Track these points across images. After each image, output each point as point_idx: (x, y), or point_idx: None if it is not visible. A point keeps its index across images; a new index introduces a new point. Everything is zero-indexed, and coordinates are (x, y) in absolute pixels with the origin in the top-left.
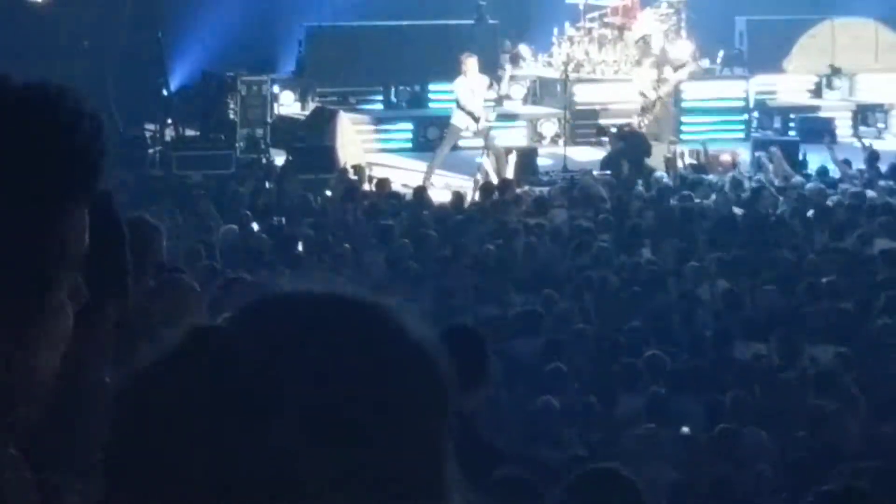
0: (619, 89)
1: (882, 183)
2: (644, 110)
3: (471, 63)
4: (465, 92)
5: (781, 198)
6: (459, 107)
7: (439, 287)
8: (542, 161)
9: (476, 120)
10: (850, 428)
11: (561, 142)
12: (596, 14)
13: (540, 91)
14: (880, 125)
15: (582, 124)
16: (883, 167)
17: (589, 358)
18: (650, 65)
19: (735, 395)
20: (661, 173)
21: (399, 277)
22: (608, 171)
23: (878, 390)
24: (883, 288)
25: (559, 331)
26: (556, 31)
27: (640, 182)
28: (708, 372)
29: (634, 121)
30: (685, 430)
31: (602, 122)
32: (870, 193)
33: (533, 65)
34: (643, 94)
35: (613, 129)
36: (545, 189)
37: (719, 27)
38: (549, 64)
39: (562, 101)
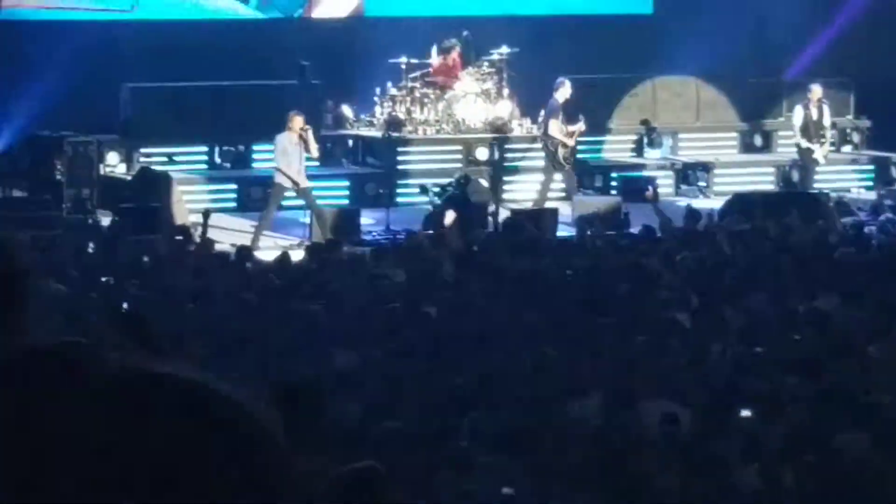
0: (442, 148)
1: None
2: (564, 160)
3: (297, 122)
4: (282, 150)
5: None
6: (277, 165)
7: (264, 348)
8: (365, 221)
9: (295, 180)
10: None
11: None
12: (418, 74)
13: (363, 151)
14: (702, 183)
15: (404, 183)
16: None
17: (412, 420)
18: (561, 118)
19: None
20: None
21: (222, 339)
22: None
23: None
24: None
25: (384, 391)
26: (378, 90)
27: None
28: (533, 433)
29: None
30: (507, 490)
31: (424, 181)
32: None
33: (355, 125)
34: (563, 145)
35: (436, 189)
36: (366, 249)
37: (541, 87)
38: (372, 124)
39: (385, 160)
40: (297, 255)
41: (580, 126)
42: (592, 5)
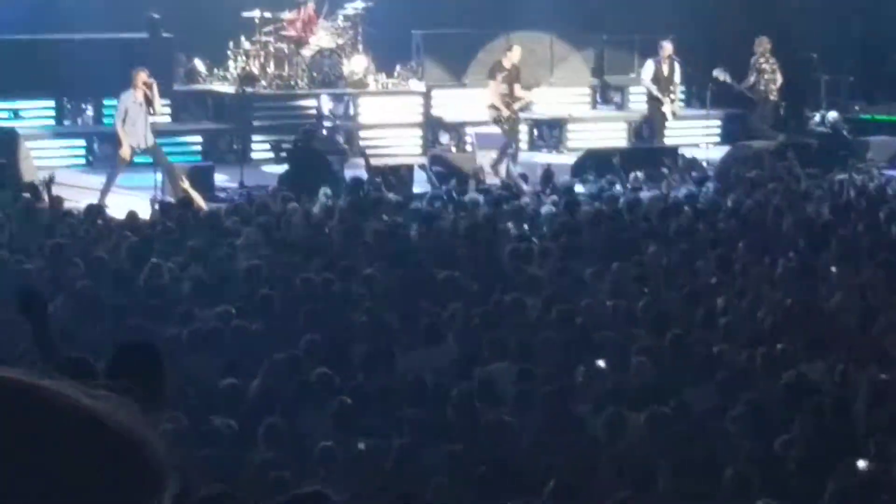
0: (299, 104)
1: (553, 197)
2: (496, 122)
3: (140, 77)
4: (124, 108)
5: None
6: (117, 124)
7: (116, 307)
8: (219, 178)
9: (143, 138)
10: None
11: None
12: (272, 28)
13: (216, 106)
14: (555, 139)
15: (259, 140)
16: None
17: (269, 374)
18: (502, 79)
19: (415, 412)
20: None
21: (72, 298)
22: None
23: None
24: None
25: (238, 348)
26: (231, 44)
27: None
28: (390, 390)
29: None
30: (361, 445)
31: (282, 137)
32: (544, 209)
33: (209, 79)
34: (494, 107)
35: (287, 146)
36: (222, 206)
37: (396, 41)
38: (225, 78)
39: (238, 116)
40: (147, 213)
41: (526, 95)
42: None
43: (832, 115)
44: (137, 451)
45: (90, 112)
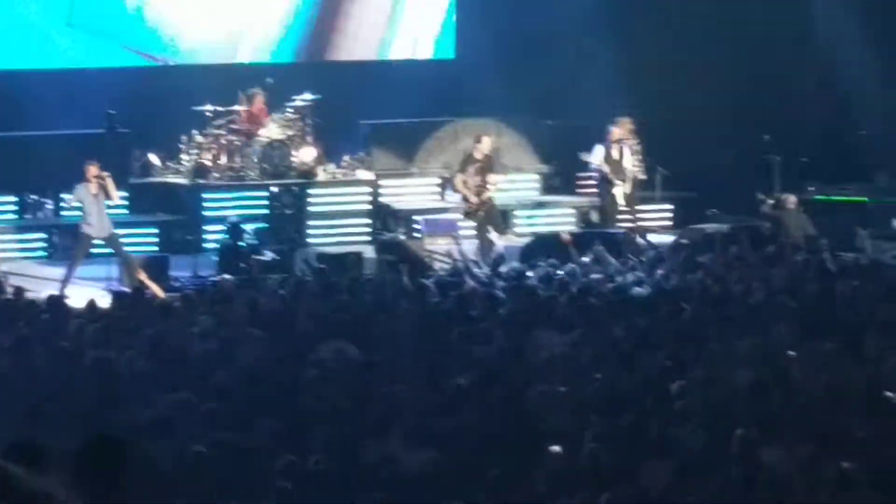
0: (248, 194)
1: (501, 283)
2: (467, 215)
3: (91, 171)
4: (77, 200)
5: None
6: (84, 215)
7: (82, 396)
8: (174, 267)
9: (102, 228)
10: None
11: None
12: (223, 121)
13: (170, 198)
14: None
15: (211, 230)
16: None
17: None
18: (475, 171)
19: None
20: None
21: (35, 388)
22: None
23: None
24: None
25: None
26: (184, 138)
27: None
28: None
29: None
30: None
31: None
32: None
33: (163, 172)
34: (466, 200)
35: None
36: (175, 295)
37: (344, 132)
38: (178, 171)
39: (191, 207)
40: (105, 302)
41: (494, 178)
42: (393, 51)
43: (789, 199)
44: None
45: (50, 206)
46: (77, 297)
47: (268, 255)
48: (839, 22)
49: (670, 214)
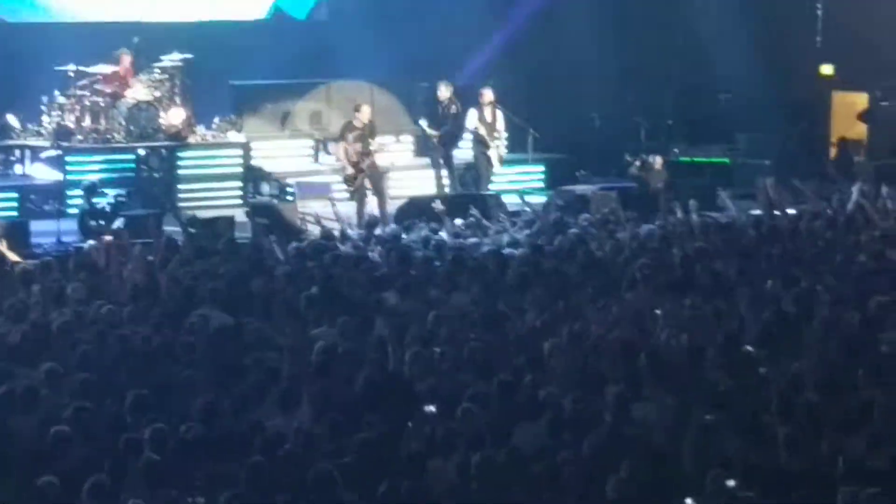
0: (115, 158)
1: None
2: (347, 182)
3: None
4: None
5: None
6: None
7: None
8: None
9: None
10: None
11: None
12: (87, 81)
13: (31, 161)
14: None
15: (74, 194)
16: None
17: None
18: (354, 139)
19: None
20: None
21: None
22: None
23: None
24: None
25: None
26: (45, 99)
27: None
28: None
29: None
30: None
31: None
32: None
33: (22, 134)
34: (344, 169)
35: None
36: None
37: (214, 94)
38: (39, 133)
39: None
40: None
41: (379, 142)
42: (263, 10)
43: (652, 158)
44: None
45: None
46: None
47: (118, 222)
48: None
49: (541, 176)
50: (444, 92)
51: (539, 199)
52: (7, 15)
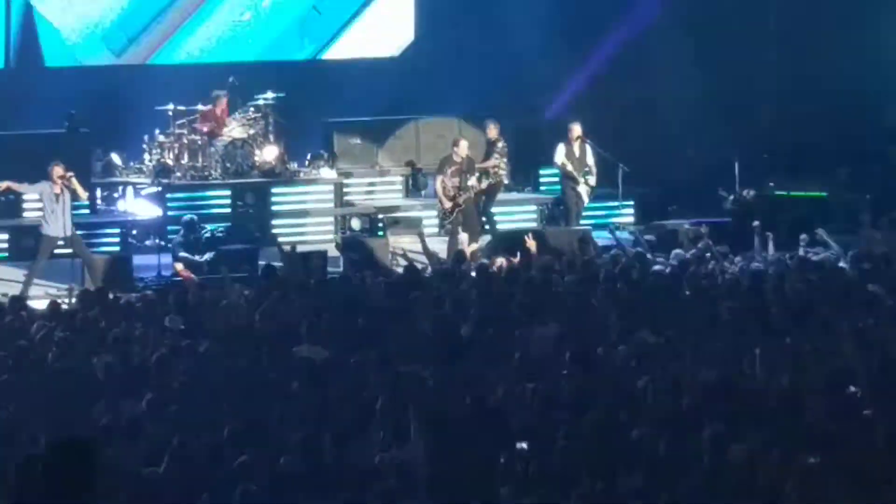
0: (212, 194)
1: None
2: (443, 217)
3: (56, 171)
4: (49, 199)
5: None
6: (46, 215)
7: (41, 399)
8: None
9: (62, 228)
10: None
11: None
12: (185, 121)
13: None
14: None
15: (175, 229)
16: None
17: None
18: (452, 173)
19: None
20: None
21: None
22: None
23: None
24: None
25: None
26: (146, 138)
27: None
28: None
29: None
30: None
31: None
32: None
33: (125, 172)
34: (441, 202)
35: (220, 233)
36: (138, 295)
37: (307, 131)
38: (141, 171)
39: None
40: (67, 304)
41: (472, 182)
42: (351, 50)
43: (747, 191)
44: None
45: (11, 206)
46: (39, 299)
47: (205, 257)
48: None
49: (632, 211)
50: (492, 131)
51: (629, 235)
52: (113, 57)
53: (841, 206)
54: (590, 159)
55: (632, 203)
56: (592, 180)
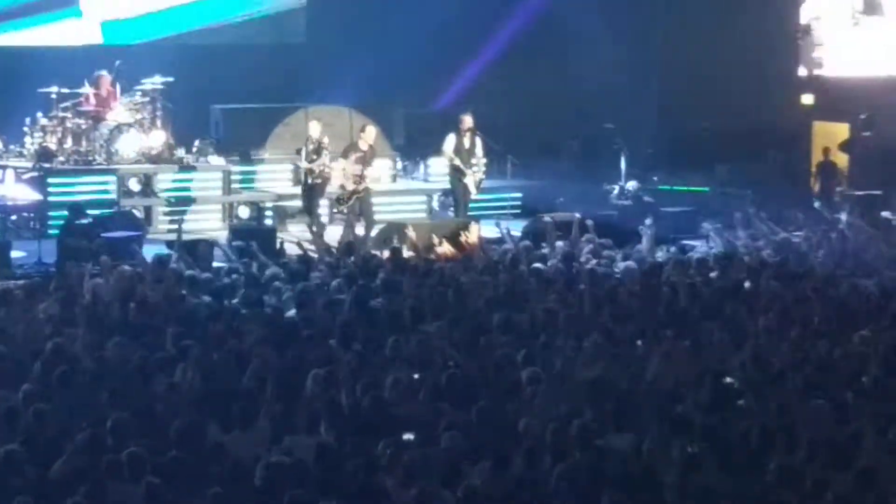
0: (95, 180)
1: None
2: (339, 201)
3: None
4: None
5: None
6: None
7: None
8: (15, 254)
9: None
10: None
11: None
12: (69, 104)
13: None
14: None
15: (57, 215)
16: None
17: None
18: (355, 160)
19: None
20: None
21: None
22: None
23: None
24: None
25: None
26: (28, 121)
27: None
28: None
29: None
30: None
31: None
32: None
33: (4, 156)
34: (342, 187)
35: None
36: (18, 283)
37: (195, 116)
38: (22, 154)
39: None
40: None
41: (373, 172)
42: (245, 35)
43: (632, 185)
44: None
45: None
46: None
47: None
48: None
49: (519, 203)
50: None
51: (517, 227)
52: None
53: (721, 200)
54: (479, 150)
55: (519, 195)
56: (480, 172)
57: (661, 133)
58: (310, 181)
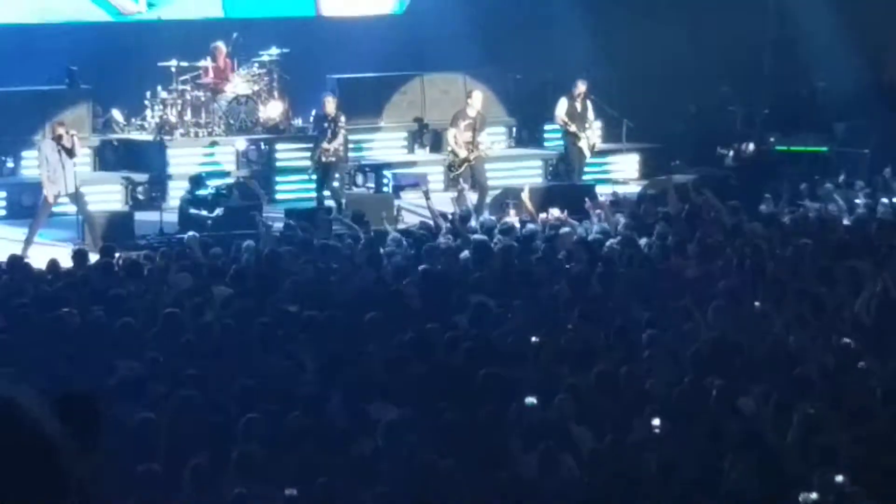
0: (217, 151)
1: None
2: (450, 168)
3: (57, 129)
4: (44, 158)
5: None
6: (49, 173)
7: (40, 357)
8: (138, 225)
9: (65, 185)
10: None
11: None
12: (188, 77)
13: (135, 155)
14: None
15: (177, 186)
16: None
17: (199, 424)
18: (465, 127)
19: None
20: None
21: None
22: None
23: None
24: None
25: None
26: (148, 94)
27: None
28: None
29: None
30: (290, 491)
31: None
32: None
33: (126, 129)
34: (454, 153)
35: (224, 190)
36: (141, 253)
37: (312, 87)
38: (143, 127)
39: (156, 164)
40: (68, 261)
41: (487, 144)
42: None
43: (748, 147)
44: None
45: (10, 164)
46: (39, 257)
47: (215, 213)
48: None
49: (636, 165)
50: (329, 105)
51: (633, 190)
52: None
53: (840, 160)
54: (591, 114)
55: (637, 158)
56: (595, 136)
57: (776, 93)
58: (323, 159)
